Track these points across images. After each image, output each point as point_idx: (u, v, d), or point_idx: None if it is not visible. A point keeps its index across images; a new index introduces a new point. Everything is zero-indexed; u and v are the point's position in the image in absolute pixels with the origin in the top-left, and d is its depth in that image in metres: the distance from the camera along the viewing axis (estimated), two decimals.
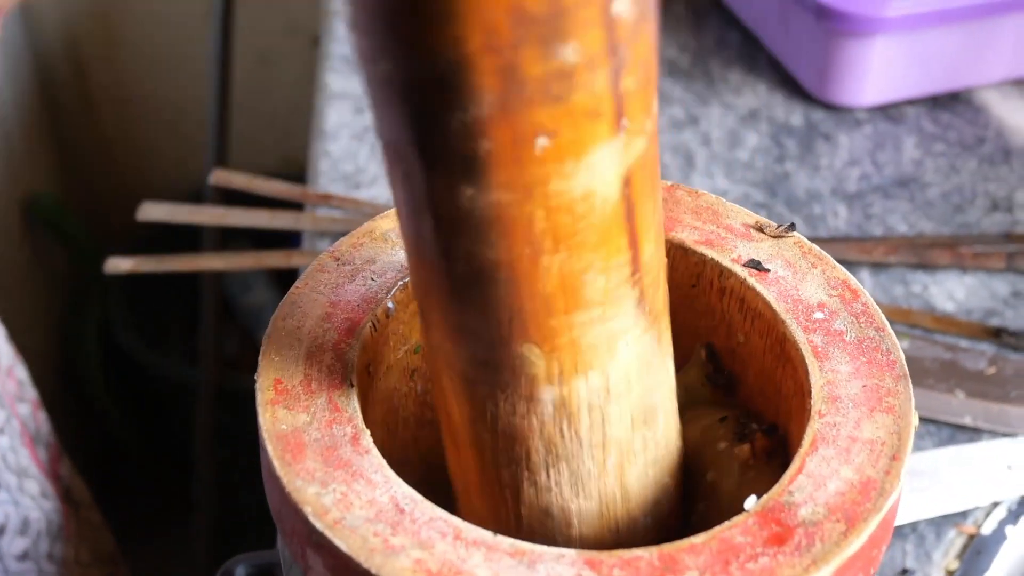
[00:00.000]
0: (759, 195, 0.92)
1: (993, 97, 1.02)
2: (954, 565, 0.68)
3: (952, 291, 0.84)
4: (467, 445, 0.43)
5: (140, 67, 1.84)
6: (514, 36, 0.32)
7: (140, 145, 1.89)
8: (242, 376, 1.61)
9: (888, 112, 1.01)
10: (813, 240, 0.89)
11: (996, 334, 0.80)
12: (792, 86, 1.03)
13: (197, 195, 1.64)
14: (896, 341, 0.46)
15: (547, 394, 0.40)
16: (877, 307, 0.47)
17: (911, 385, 0.44)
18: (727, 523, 0.40)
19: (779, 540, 0.40)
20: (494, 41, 0.32)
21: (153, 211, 0.91)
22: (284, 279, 1.70)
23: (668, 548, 0.39)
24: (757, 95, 1.02)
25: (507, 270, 0.37)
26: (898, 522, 0.69)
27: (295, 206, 0.97)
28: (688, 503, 0.48)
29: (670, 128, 0.99)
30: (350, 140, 0.98)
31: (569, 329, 0.39)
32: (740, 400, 0.50)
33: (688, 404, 0.49)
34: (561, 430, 0.41)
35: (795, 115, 1.00)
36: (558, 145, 0.35)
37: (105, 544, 0.97)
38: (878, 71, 0.98)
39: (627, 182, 0.37)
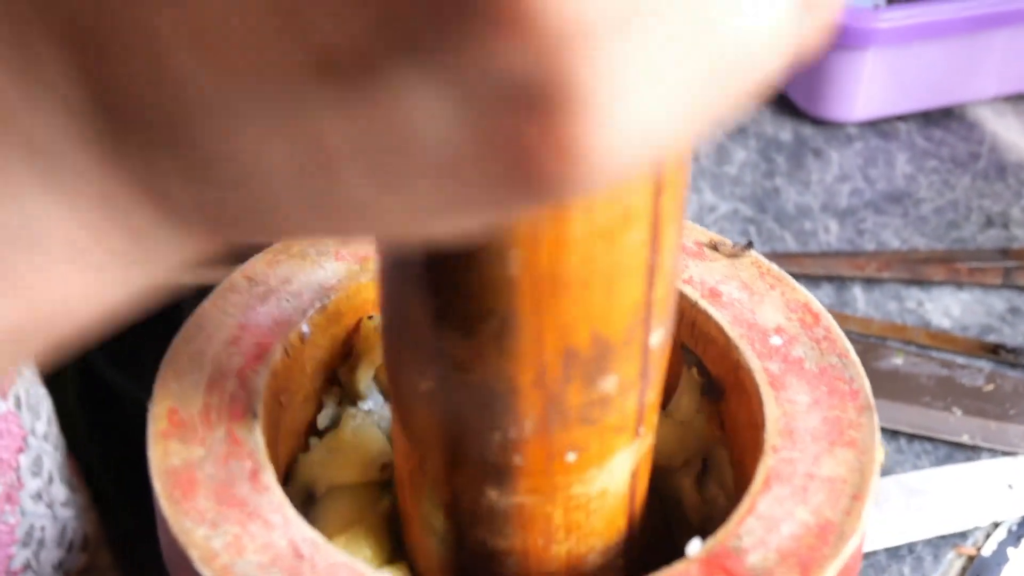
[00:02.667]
0: (748, 210, 0.89)
1: (986, 114, 0.99)
2: None
3: (948, 307, 0.80)
4: None
5: None
6: (564, 375, 0.33)
7: None
8: None
9: (879, 128, 0.97)
10: (803, 256, 0.86)
11: (994, 350, 0.76)
12: (781, 101, 0.99)
13: None
14: (861, 369, 0.41)
15: None
16: (841, 332, 0.42)
17: (876, 417, 0.40)
18: (667, 569, 0.36)
19: None
20: (544, 379, 0.33)
21: None
22: None
23: None
24: (745, 110, 0.99)
25: (518, 556, 0.38)
26: (895, 543, 0.66)
27: None
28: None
29: None
30: None
31: None
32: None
33: (686, 443, 0.45)
34: None
35: (784, 131, 0.97)
36: (586, 458, 0.36)
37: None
38: (869, 85, 0.95)
39: (634, 474, 0.38)
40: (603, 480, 0.37)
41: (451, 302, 0.32)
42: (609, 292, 0.32)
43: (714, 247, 0.45)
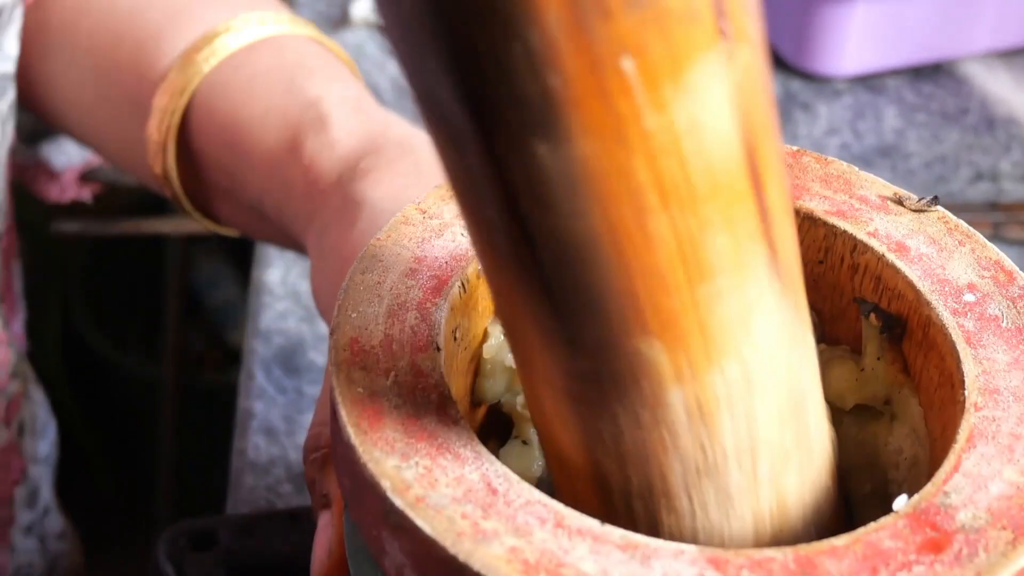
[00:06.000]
0: None
1: (976, 69, 0.99)
2: None
3: None
4: (584, 478, 0.37)
5: None
6: None
7: None
8: (208, 374, 1.61)
9: (868, 82, 0.97)
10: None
11: None
12: (769, 55, 0.99)
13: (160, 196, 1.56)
14: None
15: (676, 397, 0.33)
16: None
17: None
18: (873, 524, 0.35)
19: (935, 547, 0.35)
20: None
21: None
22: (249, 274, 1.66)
23: (805, 549, 0.34)
24: None
25: (606, 243, 0.30)
26: None
27: None
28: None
29: None
30: None
31: (694, 308, 0.32)
32: None
33: (867, 391, 0.43)
34: (700, 440, 0.34)
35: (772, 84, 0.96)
36: (648, 65, 0.28)
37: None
38: (858, 40, 0.95)
39: (737, 105, 0.30)
40: (687, 106, 0.29)
41: None
42: None
43: (899, 201, 0.44)
